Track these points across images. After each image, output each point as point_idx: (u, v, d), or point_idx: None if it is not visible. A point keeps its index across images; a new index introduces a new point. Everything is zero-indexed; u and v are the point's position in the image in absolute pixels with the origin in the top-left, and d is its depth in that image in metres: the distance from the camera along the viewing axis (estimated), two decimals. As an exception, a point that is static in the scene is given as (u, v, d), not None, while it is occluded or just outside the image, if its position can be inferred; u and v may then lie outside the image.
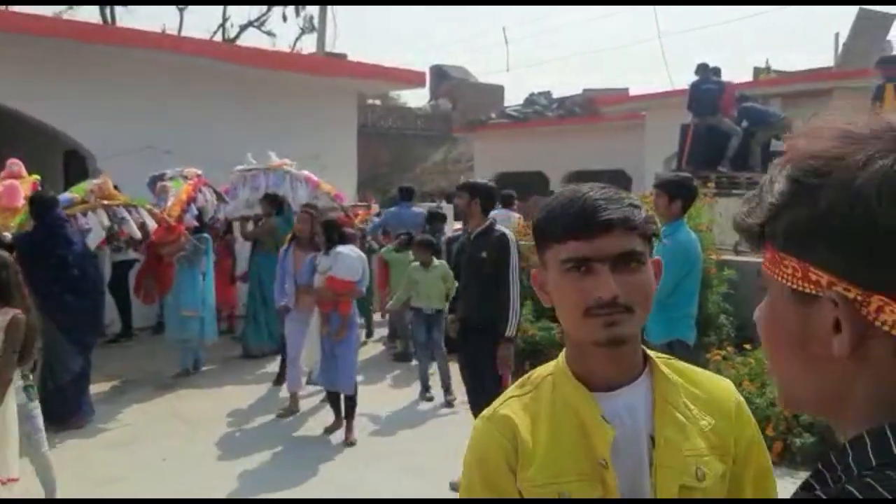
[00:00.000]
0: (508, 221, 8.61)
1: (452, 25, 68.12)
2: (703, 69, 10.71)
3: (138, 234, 6.95)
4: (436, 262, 7.05)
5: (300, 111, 11.08)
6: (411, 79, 11.31)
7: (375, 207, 10.84)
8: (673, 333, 4.55)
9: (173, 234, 7.21)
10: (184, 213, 7.39)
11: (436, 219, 8.94)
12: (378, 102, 31.40)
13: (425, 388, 7.02)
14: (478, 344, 4.77)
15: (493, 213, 9.76)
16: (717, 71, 10.88)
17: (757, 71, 18.14)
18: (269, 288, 7.31)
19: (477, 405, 4.79)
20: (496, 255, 4.72)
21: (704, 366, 2.30)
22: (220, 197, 8.32)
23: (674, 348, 4.42)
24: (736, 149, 10.58)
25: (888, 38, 15.42)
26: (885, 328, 0.66)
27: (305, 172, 8.63)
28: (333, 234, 5.94)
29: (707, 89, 10.49)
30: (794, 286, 0.71)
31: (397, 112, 31.39)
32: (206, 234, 7.80)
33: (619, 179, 20.26)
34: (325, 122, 11.38)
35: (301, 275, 6.32)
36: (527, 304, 7.20)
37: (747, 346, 6.04)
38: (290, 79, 10.69)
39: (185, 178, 7.75)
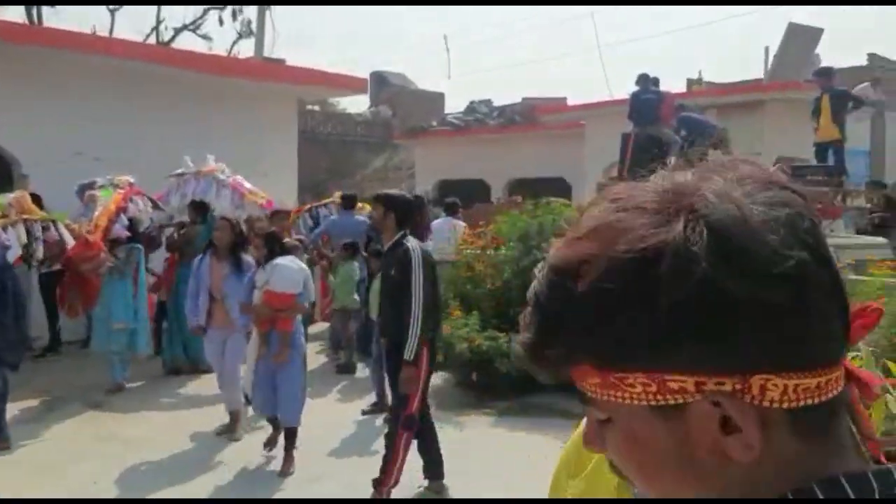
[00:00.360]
0: (453, 231, 8.53)
1: (393, 33, 68.00)
2: (643, 79, 10.85)
3: (41, 256, 6.76)
4: None
5: (239, 117, 10.81)
6: (352, 85, 11.15)
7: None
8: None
9: (92, 250, 6.91)
10: (112, 223, 7.09)
11: (379, 227, 8.86)
12: (317, 108, 31.06)
13: (380, 399, 6.70)
14: (395, 361, 4.65)
15: (436, 222, 9.74)
16: (656, 81, 11.05)
17: (690, 82, 18.57)
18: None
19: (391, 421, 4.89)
20: (401, 272, 4.53)
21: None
22: (155, 205, 8.03)
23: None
24: (676, 158, 10.74)
25: (816, 51, 15.94)
26: (776, 405, 0.58)
27: (234, 179, 8.37)
28: (274, 246, 5.61)
29: (647, 99, 10.64)
30: (652, 403, 0.60)
31: (337, 118, 31.10)
32: (137, 245, 7.50)
33: (560, 187, 20.47)
34: (264, 129, 11.13)
35: (218, 288, 6.06)
36: (473, 314, 7.15)
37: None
38: (227, 84, 10.42)
39: (116, 186, 7.45)
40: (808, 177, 9.27)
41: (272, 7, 17.66)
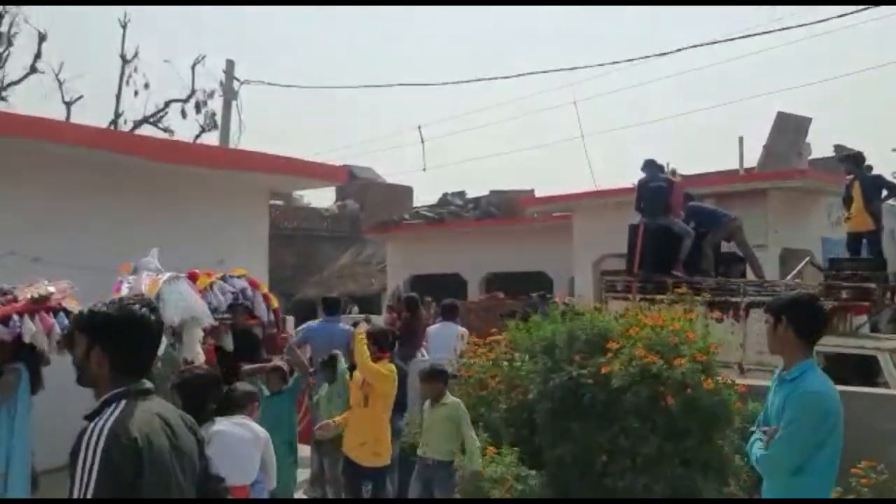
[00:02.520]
0: (460, 340, 7.30)
1: (363, 125, 67.75)
2: (649, 166, 9.98)
3: None
4: (449, 397, 5.72)
5: (202, 210, 9.60)
6: (328, 174, 10.07)
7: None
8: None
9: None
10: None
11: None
12: (280, 203, 30.09)
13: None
14: None
15: (434, 328, 8.48)
16: (661, 169, 10.18)
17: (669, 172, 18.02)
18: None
19: None
20: None
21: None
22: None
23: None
24: (689, 250, 9.77)
25: (807, 140, 15.48)
26: None
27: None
28: (208, 395, 3.73)
29: (657, 187, 9.72)
30: None
31: (301, 213, 30.03)
32: (18, 365, 5.89)
33: (541, 282, 19.47)
34: (230, 223, 9.92)
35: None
36: (510, 450, 5.82)
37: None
38: (188, 173, 9.23)
39: (37, 298, 5.96)
40: (846, 271, 8.33)
41: (239, 97, 16.72)
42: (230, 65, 16.93)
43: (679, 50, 13.69)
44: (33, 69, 21.75)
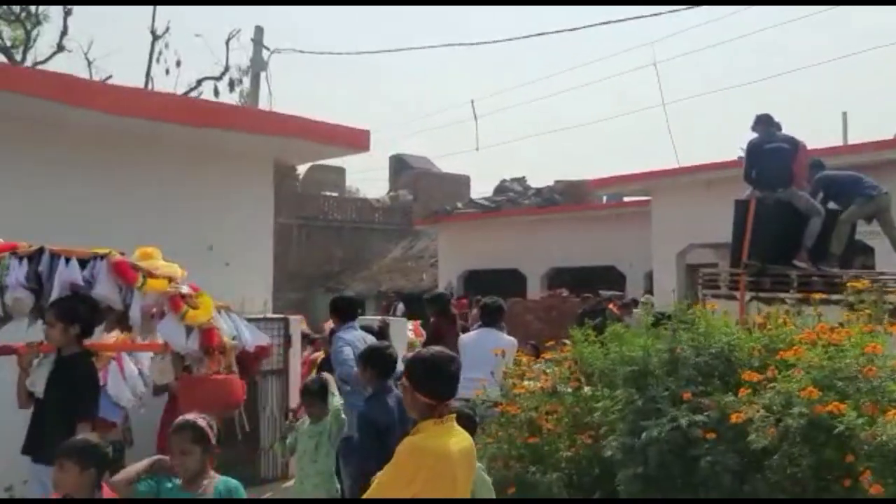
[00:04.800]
0: (498, 362, 5.04)
1: (410, 105, 64.68)
2: (764, 122, 7.51)
3: None
4: None
5: (186, 181, 7.60)
6: (348, 139, 7.93)
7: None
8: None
9: None
10: None
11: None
12: (335, 194, 28.37)
13: None
14: None
15: (468, 337, 6.26)
16: (779, 126, 7.70)
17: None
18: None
19: None
20: None
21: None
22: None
23: None
24: (817, 234, 7.30)
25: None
26: None
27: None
28: None
29: (776, 150, 7.26)
30: None
31: (352, 204, 28.20)
32: None
33: (610, 277, 17.07)
34: (225, 199, 7.88)
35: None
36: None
37: None
38: (172, 133, 7.23)
39: None
40: None
41: (268, 70, 14.78)
42: (259, 32, 15.03)
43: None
44: (60, 47, 20.38)
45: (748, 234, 7.32)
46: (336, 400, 4.32)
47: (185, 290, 4.29)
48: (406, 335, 7.97)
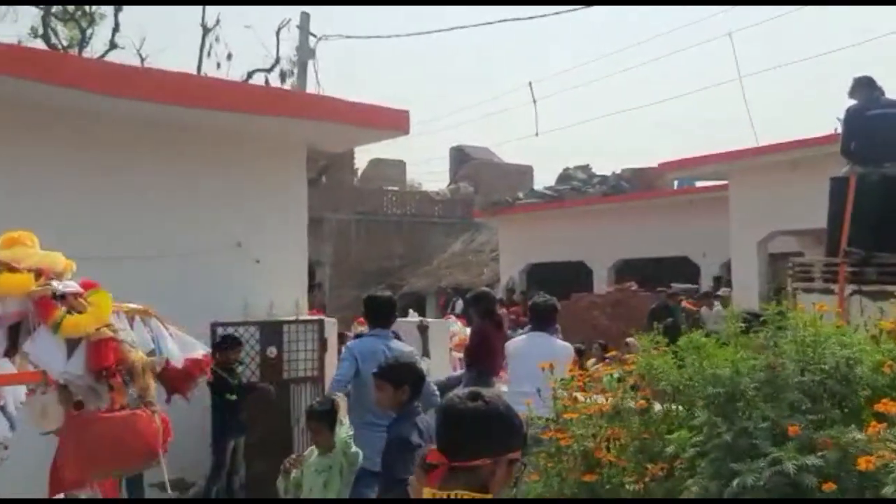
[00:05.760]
0: (545, 376, 4.16)
1: (466, 94, 62.93)
2: (864, 86, 6.44)
3: None
4: None
5: (212, 173, 7.00)
6: (386, 120, 7.18)
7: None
8: None
9: None
10: None
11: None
12: (395, 188, 27.87)
13: None
14: None
15: (516, 342, 5.36)
16: (882, 91, 6.60)
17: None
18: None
19: None
20: None
21: None
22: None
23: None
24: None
25: None
26: None
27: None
28: None
29: (881, 116, 6.19)
30: None
31: (411, 198, 27.61)
32: None
33: (683, 269, 15.95)
34: (255, 191, 7.26)
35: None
36: None
37: None
38: (195, 120, 6.63)
39: None
40: None
41: (315, 58, 14.20)
42: (305, 18, 14.45)
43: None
44: (113, 44, 20.34)
45: (848, 217, 6.26)
46: (343, 430, 3.55)
47: (63, 287, 3.02)
48: (447, 339, 7.18)
